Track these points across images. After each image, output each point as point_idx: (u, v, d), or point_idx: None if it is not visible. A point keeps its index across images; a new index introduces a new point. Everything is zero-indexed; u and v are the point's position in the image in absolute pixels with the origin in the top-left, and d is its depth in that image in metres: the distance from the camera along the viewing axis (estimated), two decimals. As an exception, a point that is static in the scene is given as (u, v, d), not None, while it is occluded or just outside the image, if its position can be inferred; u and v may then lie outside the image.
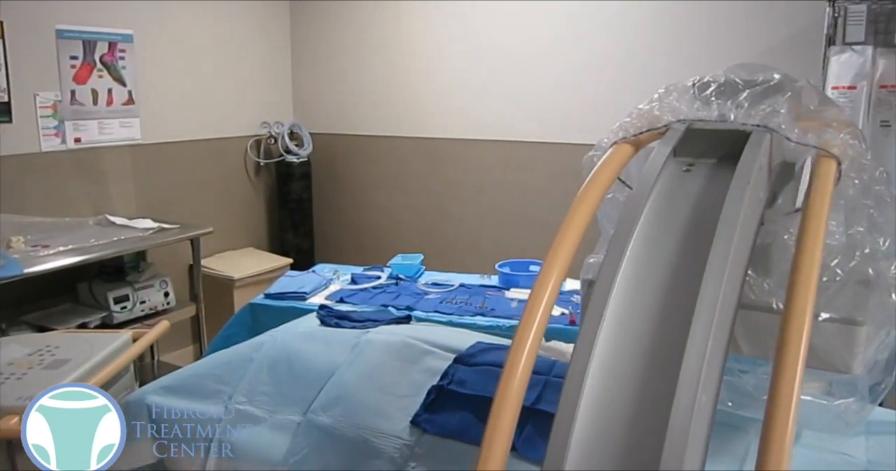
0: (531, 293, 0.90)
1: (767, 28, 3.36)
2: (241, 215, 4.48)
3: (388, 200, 4.51)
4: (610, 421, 0.80)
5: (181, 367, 1.65)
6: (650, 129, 1.11)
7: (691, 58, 3.53)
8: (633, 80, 3.69)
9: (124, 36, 3.71)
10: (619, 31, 3.70)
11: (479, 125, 4.15)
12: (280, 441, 1.57)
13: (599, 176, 1.03)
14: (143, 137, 3.83)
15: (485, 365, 1.59)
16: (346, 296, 2.93)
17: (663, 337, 0.85)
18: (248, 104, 4.42)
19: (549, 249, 0.94)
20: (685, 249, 0.93)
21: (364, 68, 4.45)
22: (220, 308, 3.90)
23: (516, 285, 3.03)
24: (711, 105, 1.07)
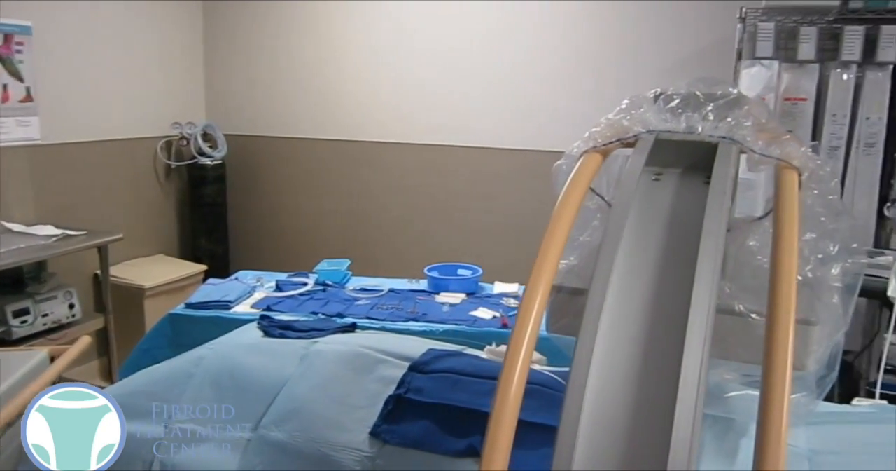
0: (522, 303, 0.90)
1: (683, 40, 3.53)
2: (151, 221, 4.28)
3: (307, 205, 4.42)
4: (611, 425, 0.82)
5: (84, 383, 1.54)
6: (620, 139, 1.13)
7: (614, 66, 3.68)
8: (555, 90, 3.80)
9: (22, 28, 3.47)
10: (545, 42, 3.80)
11: (401, 128, 4.15)
12: (229, 460, 1.50)
13: (576, 186, 1.05)
14: (43, 138, 3.59)
15: (441, 372, 1.58)
16: (273, 304, 2.85)
17: (653, 342, 0.87)
18: (158, 103, 4.23)
19: (535, 260, 0.94)
20: (665, 256, 0.96)
21: (281, 68, 4.35)
22: (129, 319, 3.72)
23: (446, 290, 3.04)
24: (680, 117, 1.10)
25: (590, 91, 3.70)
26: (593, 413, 0.83)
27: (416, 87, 4.06)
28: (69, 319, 3.30)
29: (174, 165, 4.34)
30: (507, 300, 2.93)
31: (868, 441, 1.41)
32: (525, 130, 3.88)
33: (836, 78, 2.93)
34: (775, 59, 3.01)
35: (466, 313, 2.78)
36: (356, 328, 2.12)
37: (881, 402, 1.75)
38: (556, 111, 3.79)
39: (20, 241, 3.13)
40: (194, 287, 4.04)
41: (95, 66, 3.82)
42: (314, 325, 2.08)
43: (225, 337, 1.95)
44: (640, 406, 0.82)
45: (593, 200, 1.22)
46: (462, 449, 1.40)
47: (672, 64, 3.57)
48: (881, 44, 2.83)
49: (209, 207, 4.37)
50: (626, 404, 0.83)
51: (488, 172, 4.01)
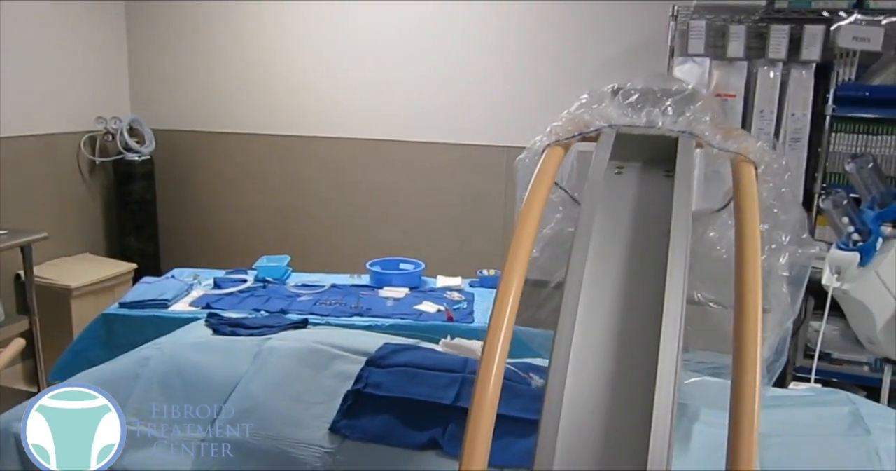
0: (496, 300, 0.90)
1: (617, 37, 3.60)
2: (75, 219, 4.10)
3: (240, 201, 4.33)
4: (589, 420, 0.83)
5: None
6: (581, 133, 1.15)
7: (550, 62, 3.73)
8: (488, 84, 3.83)
9: (-69, 16, 3.27)
10: (476, 37, 3.81)
11: (336, 123, 4.10)
12: (182, 461, 1.46)
13: (542, 180, 1.06)
14: (-43, 133, 3.40)
15: (398, 366, 1.58)
16: (213, 301, 2.79)
17: (627, 334, 0.89)
18: (79, 97, 4.05)
19: (506, 256, 0.95)
20: (632, 248, 0.98)
21: (211, 61, 4.23)
22: (54, 321, 3.56)
23: (389, 284, 3.03)
24: (640, 112, 1.13)
25: (526, 86, 3.76)
26: (571, 410, 0.84)
27: (352, 81, 4.02)
28: (-9, 322, 3.14)
29: (99, 160, 4.16)
30: (450, 294, 2.95)
31: (810, 423, 1.48)
32: (461, 124, 3.90)
33: (764, 75, 3.05)
34: (706, 57, 3.12)
35: (411, 307, 2.78)
36: (308, 324, 2.10)
37: (816, 385, 1.84)
38: (492, 106, 3.83)
39: (-65, 240, 2.96)
40: (124, 286, 3.91)
41: (12, 59, 3.62)
42: (265, 322, 2.05)
43: (170, 336, 1.89)
44: (617, 400, 0.84)
45: (556, 193, 1.24)
46: (423, 442, 1.40)
47: (607, 60, 3.64)
48: (805, 43, 2.96)
49: (137, 205, 4.22)
50: (603, 399, 0.84)
51: (426, 166, 4.01)
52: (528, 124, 3.81)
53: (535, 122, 4.00)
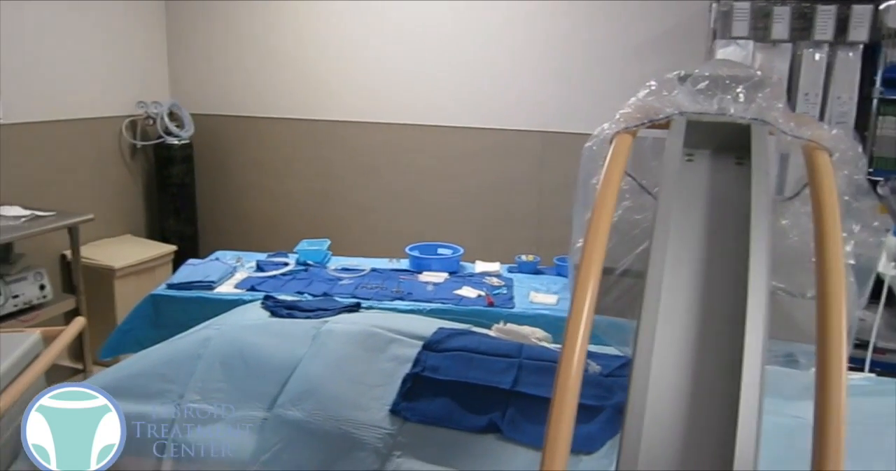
0: (575, 292, 0.91)
1: (654, 19, 3.56)
2: (117, 201, 4.17)
3: (277, 185, 4.37)
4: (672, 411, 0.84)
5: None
6: (651, 120, 1.15)
7: (583, 45, 3.69)
8: (524, 68, 3.80)
9: (-21, 2, 3.32)
10: (512, 19, 3.77)
11: (369, 108, 4.11)
12: (244, 439, 1.50)
13: (614, 168, 1.06)
14: (5, 117, 3.45)
15: (454, 350, 1.60)
16: (256, 283, 2.83)
17: (709, 325, 0.89)
18: (121, 82, 4.11)
19: (585, 245, 0.95)
20: (708, 236, 0.99)
21: (247, 46, 4.26)
22: (99, 300, 3.64)
23: (428, 269, 3.05)
24: (711, 99, 1.12)
25: (560, 70, 3.73)
26: (655, 402, 0.84)
27: (388, 66, 4.02)
28: (40, 301, 3.22)
29: (140, 144, 4.23)
30: (489, 279, 2.96)
31: (873, 412, 1.48)
32: (496, 109, 3.89)
33: (809, 57, 3.00)
34: (749, 39, 3.07)
35: (451, 292, 2.80)
36: (360, 308, 2.12)
37: (871, 375, 1.83)
38: (527, 91, 3.81)
39: (-13, 221, 3.03)
40: (164, 268, 3.98)
41: (57, 44, 3.68)
42: (320, 304, 2.08)
43: (227, 317, 1.93)
44: (701, 393, 0.84)
45: (624, 180, 1.24)
46: (483, 425, 1.42)
47: (644, 43, 3.60)
48: (852, 23, 2.91)
49: (177, 188, 4.27)
50: (686, 391, 0.85)
51: (460, 151, 4.01)
52: (564, 108, 3.82)
53: (570, 106, 4.01)
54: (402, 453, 1.41)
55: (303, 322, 1.81)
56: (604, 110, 1.36)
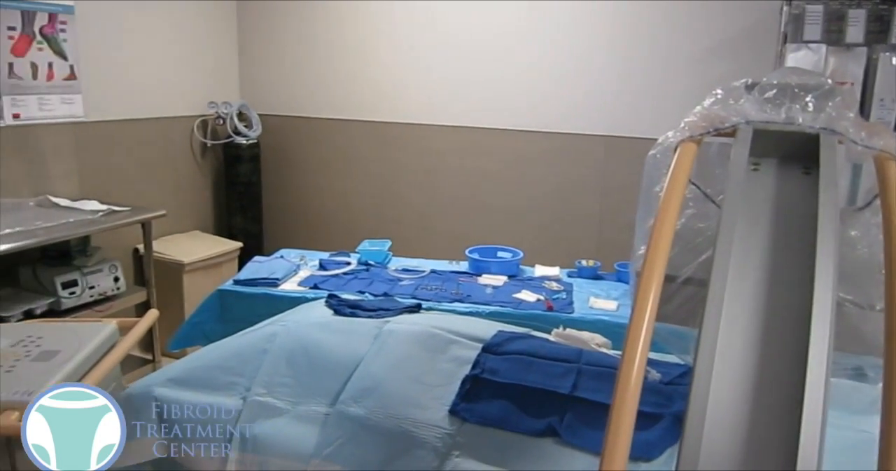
0: (636, 299, 0.92)
1: (721, 22, 3.49)
2: (187, 197, 4.33)
3: (340, 185, 4.45)
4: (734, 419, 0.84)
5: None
6: (716, 129, 1.15)
7: (647, 48, 3.64)
8: (588, 72, 3.77)
9: (65, 7, 3.49)
10: (576, 22, 3.75)
11: (432, 110, 4.15)
12: (307, 433, 1.55)
13: (678, 176, 1.06)
14: (87, 115, 3.63)
15: (513, 354, 1.62)
16: (319, 282, 2.89)
17: (772, 333, 0.89)
18: (194, 83, 4.26)
19: (647, 253, 0.96)
20: (774, 246, 0.98)
21: (315, 49, 4.35)
22: (168, 293, 3.77)
23: (487, 272, 3.07)
24: (779, 108, 1.11)
25: (625, 74, 3.68)
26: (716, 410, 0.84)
27: (450, 69, 4.05)
28: (114, 292, 3.36)
29: (210, 143, 4.37)
30: (549, 283, 2.96)
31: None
32: (558, 112, 3.86)
33: (885, 61, 2.90)
34: (822, 43, 2.99)
35: (510, 296, 2.81)
36: (421, 309, 2.16)
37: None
38: (590, 95, 3.77)
39: (68, 215, 3.18)
40: (230, 264, 4.11)
41: (134, 46, 3.85)
42: (381, 304, 2.12)
43: (293, 314, 1.99)
44: (762, 402, 0.84)
45: (688, 189, 1.24)
46: (541, 429, 1.43)
47: (711, 46, 3.54)
48: (932, 28, 2.81)
49: (244, 186, 4.40)
50: (748, 399, 0.85)
51: (522, 154, 4.01)
52: (628, 113, 3.78)
53: (634, 110, 3.96)
54: (460, 453, 1.43)
55: (365, 321, 1.85)
56: (669, 115, 1.36)
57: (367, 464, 1.46)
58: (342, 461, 1.48)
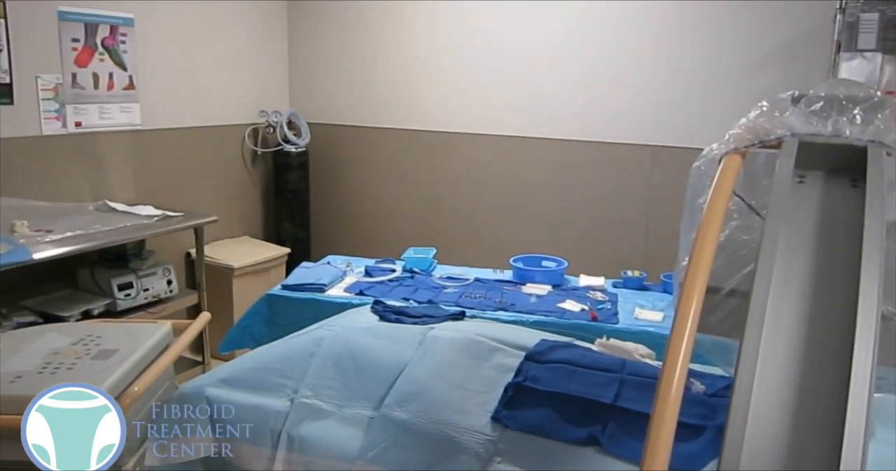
0: (678, 309, 0.93)
1: (772, 31, 3.43)
2: (238, 204, 4.44)
3: (385, 192, 4.51)
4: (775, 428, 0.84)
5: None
6: (761, 141, 1.15)
7: (696, 55, 3.60)
8: (634, 81, 3.76)
9: (125, 20, 3.63)
10: (622, 31, 3.74)
11: (477, 119, 4.18)
12: (352, 435, 1.58)
13: (722, 188, 1.07)
14: (143, 123, 3.76)
15: (557, 362, 1.63)
16: (365, 288, 2.94)
17: (814, 345, 0.89)
18: (245, 92, 4.38)
19: (689, 264, 0.97)
20: (818, 259, 0.98)
21: (362, 59, 4.43)
22: (218, 297, 3.87)
23: (532, 281, 3.08)
24: (826, 120, 1.11)
25: (672, 83, 3.65)
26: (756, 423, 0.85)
27: (496, 79, 4.07)
28: (167, 294, 3.46)
29: (260, 151, 4.48)
30: (593, 293, 2.95)
31: None
32: (604, 122, 3.85)
33: (943, 72, 2.85)
34: (877, 52, 2.94)
35: (554, 305, 2.81)
36: (465, 316, 2.19)
37: None
38: (637, 104, 3.75)
39: (125, 219, 3.30)
40: (278, 269, 4.19)
41: (189, 57, 3.98)
42: (426, 311, 2.16)
43: (340, 319, 2.04)
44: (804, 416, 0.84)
45: (731, 201, 1.24)
46: (583, 438, 1.44)
47: (761, 56, 3.48)
48: None
49: (292, 193, 4.49)
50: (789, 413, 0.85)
51: (567, 164, 4.01)
52: (675, 122, 3.74)
53: (682, 120, 3.89)
54: (502, 459, 1.45)
55: (410, 327, 1.89)
56: (718, 124, 1.36)
57: (410, 467, 1.49)
58: (386, 464, 1.51)
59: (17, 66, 3.16)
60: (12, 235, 2.92)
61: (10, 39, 3.11)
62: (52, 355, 1.87)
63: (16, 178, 3.18)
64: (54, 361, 1.83)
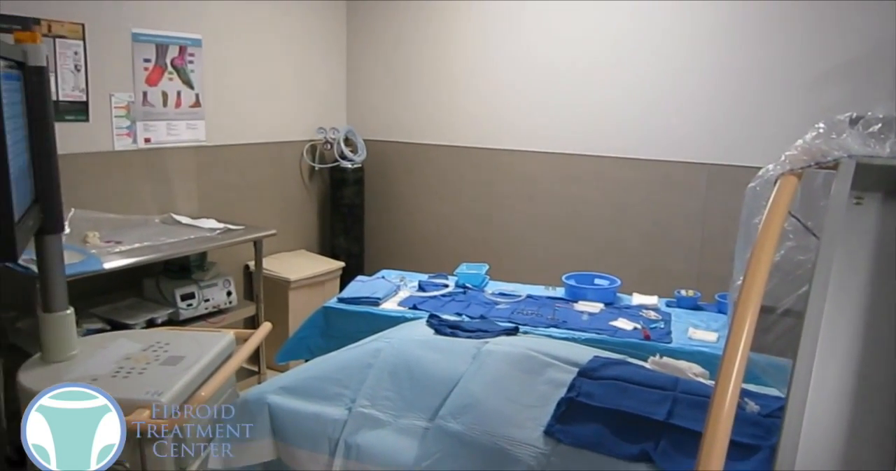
0: (731, 327, 0.95)
1: (834, 46, 3.33)
2: (295, 218, 4.56)
3: (438, 208, 4.57)
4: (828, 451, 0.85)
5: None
6: (817, 162, 1.16)
7: (754, 72, 3.53)
8: (691, 98, 3.71)
9: (194, 40, 3.79)
10: (678, 46, 3.72)
11: (531, 136, 4.21)
12: (407, 445, 1.63)
13: (777, 209, 1.09)
14: (208, 139, 3.90)
15: (609, 379, 1.65)
16: (418, 303, 2.99)
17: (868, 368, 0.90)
18: (305, 110, 4.51)
19: (742, 284, 0.99)
20: (873, 281, 0.99)
21: (418, 77, 4.52)
22: (274, 308, 3.97)
23: (584, 298, 3.09)
24: (883, 142, 1.12)
25: (729, 101, 3.59)
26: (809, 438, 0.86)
27: (549, 97, 4.10)
28: (226, 305, 3.56)
29: (318, 167, 4.59)
30: (646, 312, 2.94)
31: None
32: (659, 140, 3.82)
33: None
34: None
35: (606, 323, 2.81)
36: (518, 332, 2.22)
37: None
38: (692, 122, 3.70)
39: (188, 232, 3.42)
40: (332, 283, 4.28)
41: (252, 76, 4.13)
42: (480, 326, 2.19)
43: (396, 331, 2.09)
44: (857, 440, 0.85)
45: (787, 221, 1.25)
46: (635, 454, 1.46)
47: (823, 73, 3.39)
48: None
49: (347, 208, 4.59)
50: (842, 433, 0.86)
51: (621, 182, 4.00)
52: (732, 141, 3.70)
53: (740, 138, 3.81)
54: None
55: (465, 341, 1.93)
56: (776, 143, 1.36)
57: (464, 478, 1.53)
58: (439, 474, 1.55)
59: (93, 86, 3.33)
60: (85, 246, 3.06)
61: (88, 60, 3.28)
62: (125, 359, 1.97)
63: (89, 191, 3.34)
64: (126, 365, 1.93)
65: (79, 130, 3.29)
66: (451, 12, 4.34)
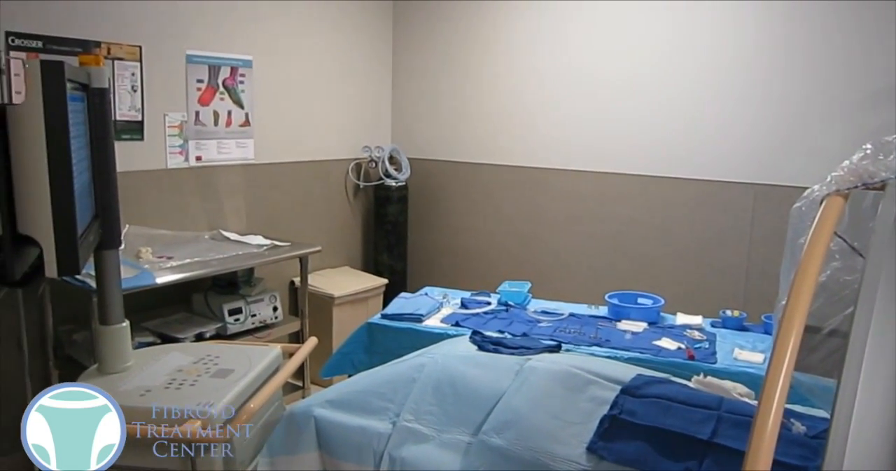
0: (775, 346, 0.96)
1: (883, 65, 3.26)
2: (340, 235, 4.63)
3: (482, 226, 4.60)
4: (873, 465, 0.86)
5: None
6: (865, 183, 1.16)
7: (801, 92, 3.49)
8: (738, 117, 3.68)
9: (245, 61, 3.91)
10: (726, 64, 3.69)
11: (574, 156, 4.21)
12: (450, 460, 1.65)
13: (822, 230, 1.09)
14: (256, 158, 4.01)
15: (652, 397, 1.65)
16: (461, 320, 3.01)
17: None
18: (350, 129, 4.60)
19: (787, 304, 1.00)
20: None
21: (462, 98, 4.58)
22: (319, 324, 4.03)
23: (627, 317, 3.07)
24: (932, 164, 1.12)
25: (776, 121, 3.54)
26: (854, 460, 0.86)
27: (593, 116, 4.11)
28: (272, 320, 3.63)
29: (362, 185, 4.67)
30: (690, 332, 2.92)
31: None
32: (704, 159, 3.79)
33: None
34: None
35: (650, 343, 2.79)
36: (561, 349, 2.23)
37: None
38: (738, 141, 3.66)
39: (237, 248, 3.51)
40: (376, 299, 4.34)
41: (300, 95, 4.24)
42: (522, 343, 2.21)
43: (440, 347, 2.12)
44: None
45: (833, 242, 1.25)
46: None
47: (871, 93, 3.33)
48: None
49: (391, 225, 4.65)
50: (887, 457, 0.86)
51: (666, 200, 3.97)
52: (779, 160, 3.65)
53: (786, 158, 3.75)
54: (596, 489, 1.48)
55: (507, 357, 1.95)
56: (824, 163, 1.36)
57: (506, 493, 1.54)
58: (482, 489, 1.56)
59: (148, 106, 3.45)
60: (138, 261, 3.16)
61: (144, 81, 3.41)
62: (177, 372, 2.03)
63: (143, 207, 3.46)
64: (178, 377, 2.00)
65: (134, 148, 3.41)
66: (496, 33, 4.39)
